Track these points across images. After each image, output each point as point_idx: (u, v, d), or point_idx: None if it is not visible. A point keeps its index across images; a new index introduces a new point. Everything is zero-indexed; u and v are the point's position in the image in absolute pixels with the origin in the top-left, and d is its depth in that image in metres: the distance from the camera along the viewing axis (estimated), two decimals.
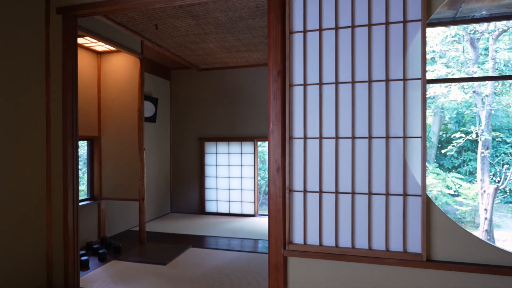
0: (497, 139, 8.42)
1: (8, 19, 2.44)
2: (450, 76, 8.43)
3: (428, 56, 8.49)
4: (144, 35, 4.12)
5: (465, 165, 9.31)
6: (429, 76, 8.36)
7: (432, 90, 8.54)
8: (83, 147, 4.68)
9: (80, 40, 3.85)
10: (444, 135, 9.85)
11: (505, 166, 7.82)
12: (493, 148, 8.12)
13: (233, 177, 5.87)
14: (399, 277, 2.03)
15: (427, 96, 1.72)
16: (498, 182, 7.76)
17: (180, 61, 5.27)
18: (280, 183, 2.19)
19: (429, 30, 7.73)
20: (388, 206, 2.05)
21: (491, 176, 7.89)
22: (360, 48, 2.08)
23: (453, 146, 8.43)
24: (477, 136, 7.65)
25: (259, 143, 5.95)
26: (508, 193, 8.40)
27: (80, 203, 4.08)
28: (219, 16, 3.54)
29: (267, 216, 5.64)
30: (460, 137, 8.30)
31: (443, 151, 9.27)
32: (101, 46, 4.10)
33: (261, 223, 5.21)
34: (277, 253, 2.22)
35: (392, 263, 2.01)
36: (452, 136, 8.99)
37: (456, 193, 8.59)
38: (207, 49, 4.74)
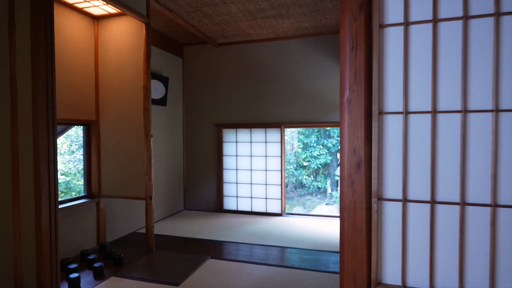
0: None
1: None
2: None
3: None
4: None
5: None
6: None
7: None
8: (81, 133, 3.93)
9: None
10: None
11: None
12: None
13: (256, 169, 5.05)
14: None
15: None
16: None
17: (195, 33, 4.43)
18: (363, 186, 1.34)
19: None
20: None
21: None
22: None
23: None
24: None
25: (286, 130, 5.09)
26: None
27: (75, 202, 3.34)
28: None
29: (295, 216, 4.81)
30: None
31: None
32: (97, 8, 3.29)
33: (290, 225, 4.39)
34: None
35: None
36: None
37: None
38: (227, 15, 3.88)
